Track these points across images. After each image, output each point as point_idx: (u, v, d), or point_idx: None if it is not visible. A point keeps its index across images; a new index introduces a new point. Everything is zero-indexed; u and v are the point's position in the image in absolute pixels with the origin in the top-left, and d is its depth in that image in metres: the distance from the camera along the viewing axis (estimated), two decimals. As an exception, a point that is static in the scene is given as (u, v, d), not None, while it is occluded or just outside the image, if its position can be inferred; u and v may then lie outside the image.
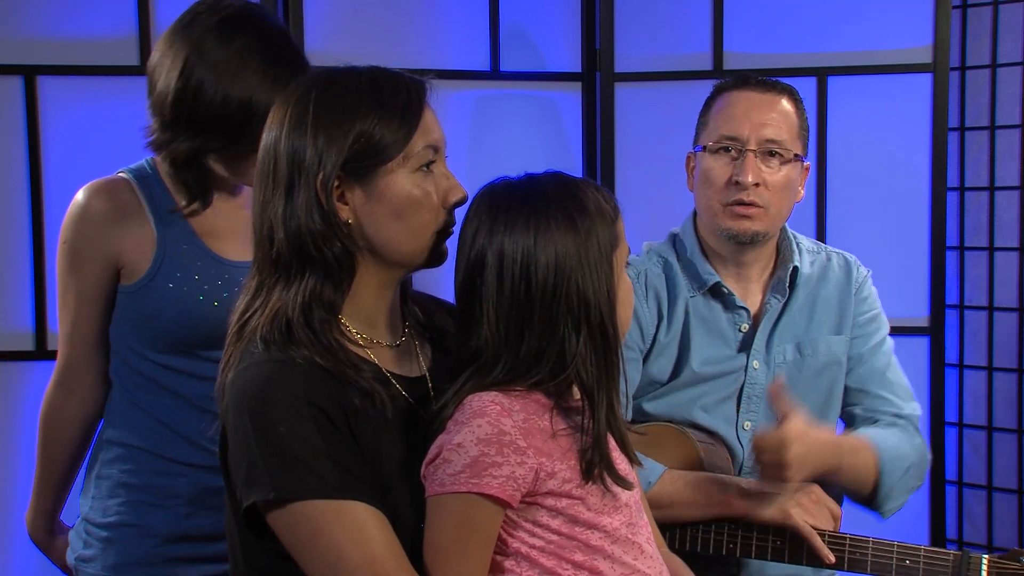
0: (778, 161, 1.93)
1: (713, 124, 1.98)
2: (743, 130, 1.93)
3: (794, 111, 1.98)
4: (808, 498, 1.82)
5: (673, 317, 1.99)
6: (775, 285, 2.00)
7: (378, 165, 1.35)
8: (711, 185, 1.96)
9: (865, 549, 1.78)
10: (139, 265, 1.77)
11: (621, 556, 1.34)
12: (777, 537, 1.83)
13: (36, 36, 2.58)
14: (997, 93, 3.01)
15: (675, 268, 2.02)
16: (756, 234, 1.94)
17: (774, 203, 1.93)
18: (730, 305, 1.99)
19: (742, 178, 1.91)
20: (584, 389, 1.31)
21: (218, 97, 1.66)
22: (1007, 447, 3.03)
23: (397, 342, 1.45)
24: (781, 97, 1.98)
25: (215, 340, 1.70)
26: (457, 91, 2.82)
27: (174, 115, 1.69)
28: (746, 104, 1.96)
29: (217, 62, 1.67)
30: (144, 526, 1.80)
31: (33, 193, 2.58)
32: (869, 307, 2.05)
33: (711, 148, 1.96)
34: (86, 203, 1.78)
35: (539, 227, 1.30)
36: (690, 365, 1.97)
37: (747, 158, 1.91)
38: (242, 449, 1.30)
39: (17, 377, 2.59)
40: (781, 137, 1.94)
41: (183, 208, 1.77)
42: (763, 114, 1.94)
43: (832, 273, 2.04)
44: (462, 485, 1.26)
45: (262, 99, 1.64)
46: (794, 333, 2.00)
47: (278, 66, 1.68)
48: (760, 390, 1.98)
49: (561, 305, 1.29)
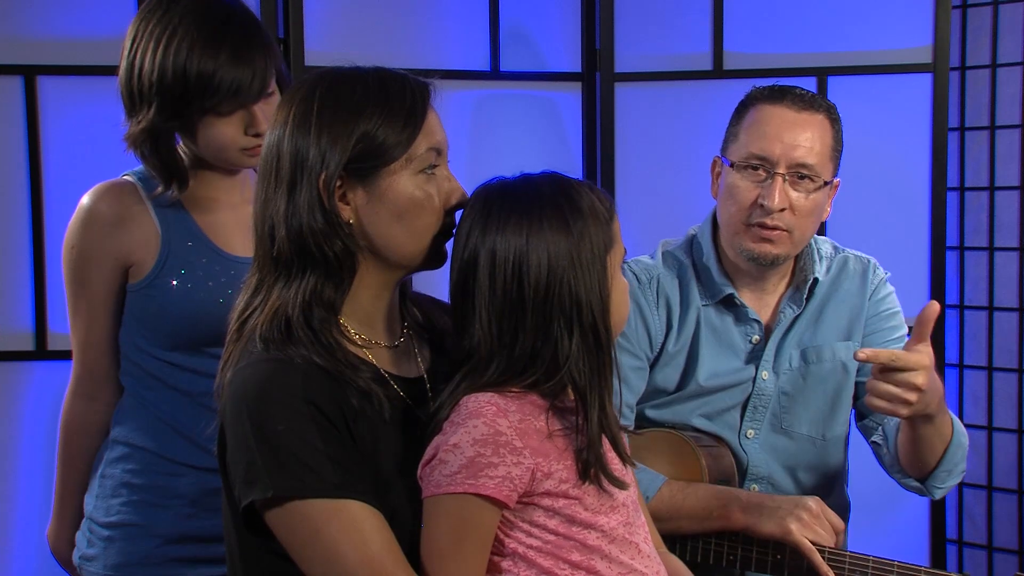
0: (807, 185, 1.87)
1: (743, 138, 1.90)
2: (774, 150, 1.86)
3: (830, 130, 1.91)
4: (808, 513, 1.79)
5: (684, 326, 1.96)
6: (791, 295, 1.96)
7: (381, 166, 1.35)
8: (735, 203, 1.89)
9: (865, 568, 1.76)
10: (145, 263, 1.78)
11: (618, 556, 1.34)
12: (778, 551, 1.81)
13: (36, 36, 2.57)
14: (997, 93, 3.01)
15: (689, 274, 1.98)
16: (777, 257, 1.89)
17: (798, 228, 1.87)
18: (742, 317, 1.96)
19: (768, 202, 1.84)
20: (577, 389, 1.31)
21: (155, 70, 1.68)
22: (1007, 447, 3.03)
23: (396, 343, 1.45)
24: (817, 116, 1.90)
25: (221, 336, 1.71)
26: (457, 91, 2.82)
27: (128, 99, 1.72)
28: (779, 122, 1.88)
29: (153, 37, 1.69)
30: (146, 526, 1.80)
31: (33, 193, 2.58)
32: (887, 307, 2.01)
33: (738, 165, 1.89)
34: (92, 206, 1.78)
35: (531, 227, 1.30)
36: (696, 378, 1.95)
37: (775, 181, 1.84)
38: (240, 448, 1.30)
39: (17, 377, 2.59)
40: (812, 161, 1.86)
41: (159, 193, 1.77)
42: (796, 135, 1.86)
43: (847, 277, 2.00)
44: (458, 486, 1.26)
45: (194, 66, 1.66)
46: (801, 339, 1.97)
47: (204, 34, 1.68)
48: (767, 400, 1.95)
49: (554, 305, 1.29)
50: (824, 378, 1.97)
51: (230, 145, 1.74)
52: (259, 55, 1.71)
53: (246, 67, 1.69)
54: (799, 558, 1.79)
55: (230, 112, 1.72)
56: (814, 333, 1.97)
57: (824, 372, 1.97)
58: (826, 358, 1.97)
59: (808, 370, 1.96)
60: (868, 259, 2.04)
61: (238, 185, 1.85)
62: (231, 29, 1.71)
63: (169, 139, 1.74)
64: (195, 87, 1.67)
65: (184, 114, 1.70)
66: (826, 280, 1.99)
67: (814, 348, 1.97)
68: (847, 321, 1.99)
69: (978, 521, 3.09)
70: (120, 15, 2.58)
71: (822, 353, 1.97)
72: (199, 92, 1.68)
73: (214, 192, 1.83)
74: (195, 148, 1.76)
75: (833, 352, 1.97)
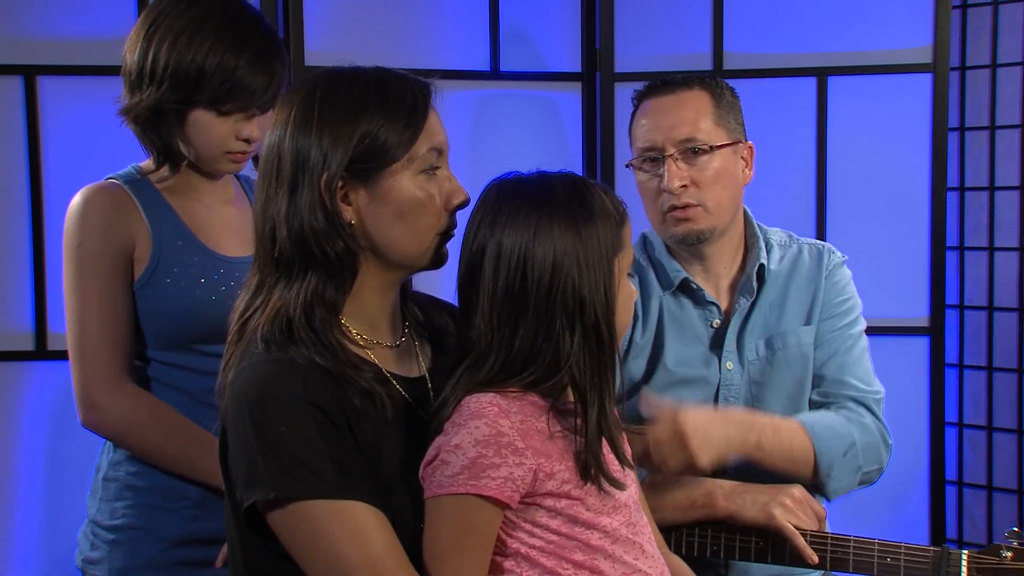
0: (700, 156, 1.90)
1: (635, 137, 1.97)
2: (657, 138, 1.91)
3: (709, 99, 1.94)
4: (791, 499, 1.81)
5: (648, 317, 1.99)
6: (743, 285, 1.98)
7: (382, 167, 1.35)
8: (646, 197, 1.95)
9: (847, 548, 1.78)
10: (142, 260, 1.78)
11: (622, 556, 1.34)
12: (759, 538, 1.83)
13: (36, 36, 2.58)
14: (997, 93, 3.01)
15: (646, 269, 2.02)
16: (701, 232, 1.92)
17: (711, 198, 1.91)
18: (700, 301, 1.98)
19: (666, 185, 1.89)
20: (577, 389, 1.31)
21: (173, 57, 1.71)
22: (1007, 447, 3.03)
23: (397, 342, 1.45)
24: (690, 91, 1.94)
25: (213, 335, 1.71)
26: (457, 91, 2.83)
27: (138, 75, 1.73)
28: (656, 111, 1.93)
29: (174, 26, 1.72)
30: (150, 529, 1.79)
31: (33, 193, 2.58)
32: (839, 292, 2.02)
33: (636, 163, 1.96)
34: (87, 201, 1.78)
35: (540, 223, 1.30)
36: (664, 364, 1.96)
37: (667, 164, 1.90)
38: (242, 449, 1.30)
39: (17, 377, 2.59)
40: (696, 133, 1.90)
41: (152, 172, 1.79)
42: (673, 116, 1.91)
43: (803, 265, 2.02)
44: (460, 487, 1.26)
45: (216, 58, 1.70)
46: (765, 328, 1.98)
47: (232, 31, 1.72)
48: (736, 391, 1.97)
49: (556, 302, 1.29)
50: (791, 363, 1.99)
51: (217, 143, 1.75)
52: (279, 66, 1.75)
53: (264, 73, 1.73)
54: (781, 544, 1.81)
55: (231, 112, 1.73)
56: (779, 320, 1.99)
57: (790, 358, 1.98)
58: (791, 344, 1.98)
59: (775, 357, 1.98)
60: (823, 244, 2.06)
61: (220, 187, 1.87)
62: (257, 34, 1.75)
63: (170, 120, 1.75)
64: (212, 78, 1.70)
65: (190, 101, 1.72)
66: (781, 269, 2.01)
67: (779, 335, 1.98)
68: (807, 305, 2.01)
69: (978, 521, 3.09)
70: (120, 15, 2.58)
71: (787, 339, 1.98)
72: (213, 83, 1.70)
73: (199, 193, 1.84)
74: (180, 138, 1.76)
75: (798, 337, 1.99)
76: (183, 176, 1.82)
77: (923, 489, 2.88)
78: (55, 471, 2.55)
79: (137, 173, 1.82)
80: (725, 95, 1.97)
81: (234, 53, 1.71)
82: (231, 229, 1.85)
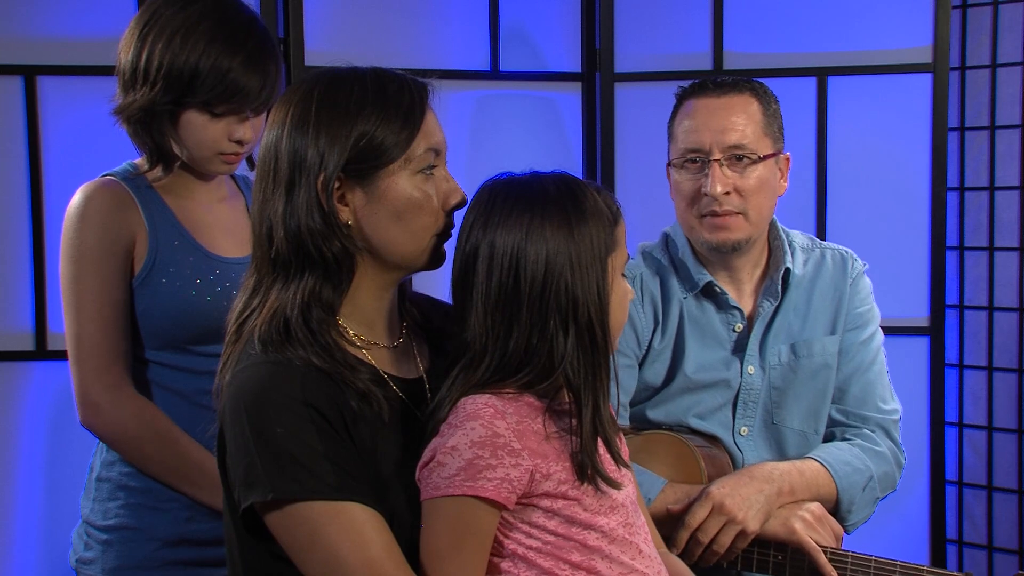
0: (746, 164, 1.89)
1: (678, 136, 1.94)
2: (704, 140, 1.89)
3: (759, 106, 1.93)
4: (811, 514, 1.82)
5: (668, 321, 1.97)
6: (767, 288, 1.97)
7: (379, 167, 1.35)
8: (682, 198, 1.93)
9: (868, 568, 1.77)
10: (141, 258, 1.78)
11: (619, 556, 1.34)
12: (779, 552, 1.82)
13: (36, 36, 2.58)
14: (997, 93, 3.00)
15: (668, 270, 2.00)
16: (738, 242, 1.91)
17: (751, 207, 1.90)
18: (723, 305, 1.97)
19: (709, 190, 1.87)
20: (571, 389, 1.31)
21: (167, 57, 1.71)
22: (1007, 447, 3.03)
23: (395, 343, 1.45)
24: (741, 96, 1.92)
25: (208, 335, 1.72)
26: (457, 91, 2.82)
27: (131, 75, 1.73)
28: (705, 112, 1.91)
29: (168, 26, 1.72)
30: (144, 529, 1.79)
31: (33, 193, 2.58)
32: (862, 302, 2.02)
33: (677, 163, 1.93)
34: (88, 198, 1.78)
35: (532, 223, 1.30)
36: (683, 371, 1.95)
37: (712, 168, 1.87)
38: (240, 450, 1.30)
39: (17, 377, 2.59)
40: (745, 140, 1.89)
41: (146, 172, 1.79)
42: (723, 120, 1.89)
43: (827, 270, 2.01)
44: (457, 488, 1.26)
45: (211, 59, 1.70)
46: (789, 334, 1.98)
47: (227, 32, 1.72)
48: (756, 395, 1.96)
49: (550, 302, 1.29)
50: (815, 372, 1.98)
51: (210, 144, 1.75)
52: (273, 67, 1.75)
53: (258, 75, 1.73)
54: (801, 558, 1.80)
55: (224, 114, 1.73)
56: (803, 327, 1.98)
57: (815, 366, 1.98)
58: (816, 352, 1.98)
59: (799, 364, 1.97)
60: (846, 251, 2.05)
61: (214, 186, 1.87)
62: (253, 36, 1.75)
63: (163, 120, 1.75)
64: (205, 79, 1.70)
65: (183, 102, 1.72)
66: (805, 273, 2.00)
67: (804, 342, 1.97)
68: (832, 313, 2.00)
69: (978, 521, 3.09)
70: (120, 15, 2.58)
71: (812, 347, 1.98)
72: (206, 85, 1.70)
73: (193, 192, 1.84)
74: (173, 138, 1.76)
75: (823, 346, 1.98)
76: (177, 176, 1.82)
77: (923, 489, 2.88)
78: (54, 471, 2.55)
79: (133, 170, 1.82)
80: (772, 103, 1.96)
81: (228, 55, 1.71)
82: (227, 229, 1.85)
